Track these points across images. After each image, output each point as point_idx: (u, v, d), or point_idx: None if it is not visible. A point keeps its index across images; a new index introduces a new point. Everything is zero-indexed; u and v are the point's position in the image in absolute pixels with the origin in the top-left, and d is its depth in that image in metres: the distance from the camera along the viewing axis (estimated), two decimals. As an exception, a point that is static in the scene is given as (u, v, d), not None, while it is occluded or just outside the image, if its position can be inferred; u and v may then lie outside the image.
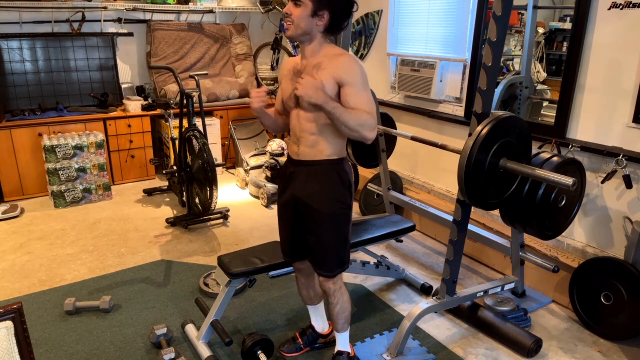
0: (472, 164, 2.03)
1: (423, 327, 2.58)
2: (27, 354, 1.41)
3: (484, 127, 2.05)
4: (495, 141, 2.08)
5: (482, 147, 2.05)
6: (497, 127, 2.07)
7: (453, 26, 3.59)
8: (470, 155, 2.02)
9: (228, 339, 2.20)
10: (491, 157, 2.09)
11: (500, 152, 2.11)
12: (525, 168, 2.08)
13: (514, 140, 2.15)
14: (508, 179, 2.22)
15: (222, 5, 5.24)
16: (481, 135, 2.04)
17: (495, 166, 2.12)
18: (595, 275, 2.57)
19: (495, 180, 2.16)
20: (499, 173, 2.15)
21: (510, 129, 2.13)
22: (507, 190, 2.25)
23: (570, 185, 1.92)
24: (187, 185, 3.84)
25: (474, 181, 2.09)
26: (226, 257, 2.37)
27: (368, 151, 3.49)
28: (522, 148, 2.21)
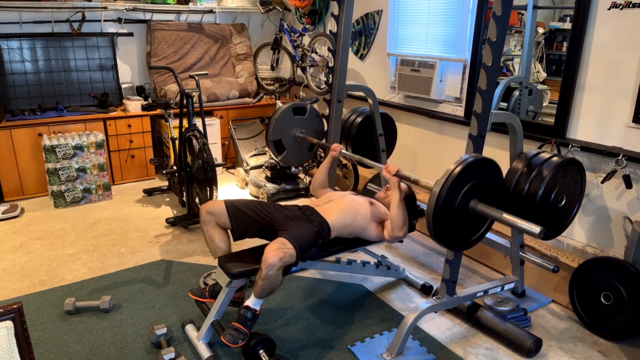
0: (441, 203, 1.99)
1: (423, 327, 2.58)
2: (27, 354, 1.42)
3: (456, 166, 2.02)
4: (467, 182, 2.05)
5: (453, 187, 2.01)
6: (470, 168, 2.04)
7: (453, 26, 3.59)
8: (440, 195, 1.98)
9: (228, 339, 2.20)
10: (461, 198, 2.05)
11: (471, 193, 2.08)
12: (493, 212, 2.04)
13: (487, 182, 2.13)
14: (478, 221, 2.18)
15: (222, 5, 5.25)
16: (453, 175, 2.00)
17: (465, 207, 2.08)
18: (595, 275, 2.56)
19: (464, 222, 2.13)
20: (468, 214, 2.11)
21: (483, 170, 2.11)
22: (477, 232, 2.22)
23: (537, 234, 1.90)
24: (187, 185, 3.84)
25: (443, 222, 2.05)
26: (226, 257, 2.37)
27: (368, 151, 3.49)
28: (495, 191, 2.18)
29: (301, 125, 3.17)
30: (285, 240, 2.16)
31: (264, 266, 2.08)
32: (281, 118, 3.09)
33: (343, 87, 3.16)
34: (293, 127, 3.16)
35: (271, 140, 3.09)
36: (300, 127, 3.17)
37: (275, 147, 3.13)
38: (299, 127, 3.16)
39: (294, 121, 3.15)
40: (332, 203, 2.53)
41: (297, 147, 3.21)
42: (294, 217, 2.39)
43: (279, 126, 3.10)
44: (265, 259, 2.08)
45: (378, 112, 3.34)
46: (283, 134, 3.13)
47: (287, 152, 3.16)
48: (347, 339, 2.48)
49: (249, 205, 2.46)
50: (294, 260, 2.16)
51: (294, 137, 3.17)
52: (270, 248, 2.11)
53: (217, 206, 2.42)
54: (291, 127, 3.15)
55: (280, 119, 3.09)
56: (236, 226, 2.41)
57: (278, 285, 2.18)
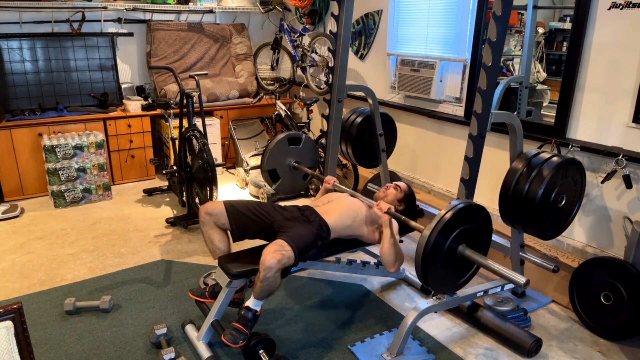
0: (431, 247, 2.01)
1: (423, 327, 2.58)
2: (27, 354, 1.42)
3: (447, 211, 2.05)
4: (457, 227, 2.07)
5: (443, 232, 2.03)
6: (460, 214, 2.06)
7: (453, 26, 3.59)
8: (430, 239, 2.00)
9: (228, 339, 2.20)
10: (450, 242, 2.07)
11: (460, 238, 2.10)
12: (480, 258, 2.07)
13: (476, 228, 2.14)
14: (465, 265, 2.19)
15: (222, 5, 5.25)
16: (443, 220, 2.02)
17: (453, 252, 2.10)
18: (595, 275, 2.56)
19: (452, 266, 2.14)
20: (456, 259, 2.12)
21: (473, 216, 2.13)
22: (464, 276, 2.23)
23: (523, 284, 1.93)
24: (187, 185, 3.84)
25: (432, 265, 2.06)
26: (226, 257, 2.37)
27: (368, 151, 3.50)
28: (482, 236, 2.20)
29: (296, 155, 3.21)
30: (283, 242, 2.15)
31: (261, 268, 2.08)
32: (276, 148, 3.13)
33: (343, 87, 3.16)
34: (288, 157, 3.20)
35: (266, 169, 3.13)
36: (295, 156, 3.21)
37: (270, 176, 3.18)
38: (294, 156, 3.21)
39: (288, 151, 3.19)
40: (331, 204, 2.53)
41: (292, 176, 3.25)
42: (293, 219, 2.39)
43: (274, 155, 3.14)
44: (263, 261, 2.07)
45: (378, 112, 3.34)
46: (278, 164, 3.17)
47: (281, 180, 3.20)
48: (347, 339, 2.48)
49: (248, 206, 2.45)
50: (293, 262, 2.16)
51: (288, 167, 3.21)
52: (268, 250, 2.11)
53: (216, 207, 2.42)
54: (286, 156, 3.19)
55: (275, 148, 3.13)
56: (235, 227, 2.41)
57: (277, 287, 2.17)
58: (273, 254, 2.08)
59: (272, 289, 2.15)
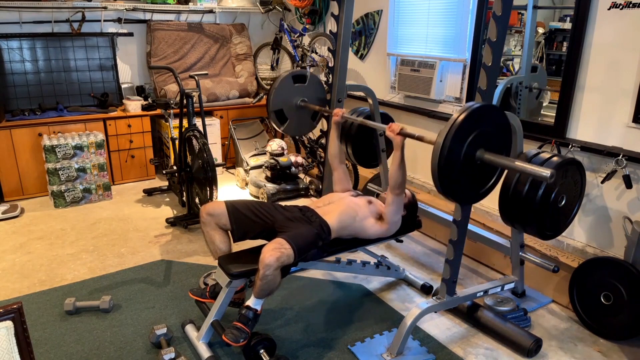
0: (445, 155, 1.89)
1: (423, 327, 2.58)
2: (27, 354, 1.42)
3: (459, 114, 1.91)
4: (472, 131, 1.93)
5: (456, 137, 1.90)
6: (473, 116, 1.93)
7: (453, 26, 3.59)
8: (444, 145, 1.87)
9: (228, 339, 2.20)
10: (467, 148, 1.94)
11: (477, 143, 1.97)
12: (502, 160, 1.94)
13: (493, 130, 2.02)
14: (486, 172, 2.09)
15: (222, 5, 5.25)
16: (456, 124, 1.89)
17: (471, 158, 1.98)
18: (595, 276, 2.56)
19: (471, 173, 2.03)
20: (475, 165, 2.01)
21: (488, 118, 2.00)
22: (486, 184, 2.12)
23: (548, 176, 1.78)
24: (187, 185, 3.84)
25: (448, 174, 1.95)
26: (226, 257, 2.37)
27: (368, 151, 3.49)
28: (502, 139, 2.08)
29: (302, 93, 3.07)
30: (283, 240, 2.15)
31: (261, 266, 2.08)
32: (281, 87, 2.99)
33: (343, 87, 3.16)
34: (294, 96, 3.05)
35: (272, 110, 2.98)
36: (302, 95, 3.07)
37: (277, 117, 3.05)
38: (300, 95, 3.07)
39: (294, 90, 3.05)
40: (332, 205, 2.53)
41: (299, 116, 3.12)
42: (294, 219, 2.39)
43: (280, 95, 3.00)
44: (262, 258, 2.07)
45: (378, 112, 3.34)
46: (284, 104, 3.03)
47: (289, 122, 3.08)
48: (347, 339, 2.48)
49: (249, 206, 2.45)
50: (292, 261, 2.16)
51: (295, 106, 3.07)
52: (268, 248, 2.11)
53: (217, 207, 2.41)
54: (292, 95, 3.05)
55: (280, 88, 2.98)
56: (236, 227, 2.40)
57: (277, 286, 2.17)
58: (272, 252, 2.08)
59: (271, 287, 2.14)
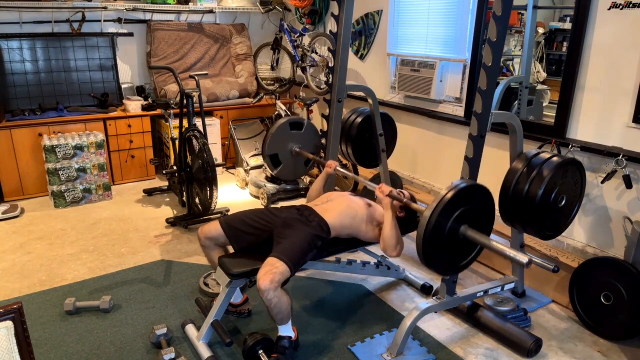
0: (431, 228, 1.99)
1: (423, 327, 2.58)
2: (27, 354, 1.42)
3: (448, 192, 2.02)
4: (458, 207, 2.04)
5: (444, 212, 2.00)
6: (461, 194, 2.03)
7: (453, 26, 3.59)
8: (431, 219, 1.98)
9: (229, 340, 2.20)
10: (452, 223, 2.05)
11: (462, 218, 2.07)
12: (482, 239, 2.04)
13: (478, 208, 2.11)
14: (467, 247, 2.16)
15: (222, 5, 5.25)
16: (444, 200, 1.99)
17: (455, 232, 2.08)
18: (595, 275, 2.56)
19: (454, 247, 2.12)
20: (458, 240, 2.10)
21: (475, 197, 2.10)
22: (466, 258, 2.21)
23: (525, 264, 1.90)
24: (187, 185, 3.84)
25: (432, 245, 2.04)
26: (227, 257, 2.38)
27: (368, 151, 3.50)
28: (485, 217, 2.17)
29: (298, 140, 3.21)
30: (273, 259, 2.13)
31: (260, 294, 2.07)
32: (278, 132, 3.12)
33: (343, 87, 3.16)
34: (289, 142, 3.19)
35: (267, 154, 3.12)
36: (297, 142, 3.20)
37: (272, 161, 3.17)
38: (296, 142, 3.20)
39: (290, 136, 3.18)
40: (330, 203, 2.53)
41: (293, 161, 3.24)
42: (291, 221, 2.36)
43: (276, 140, 3.13)
44: (258, 286, 2.06)
45: (378, 112, 3.34)
46: (279, 149, 3.16)
47: (282, 166, 3.20)
48: (347, 339, 2.48)
49: (245, 220, 2.42)
50: (289, 275, 2.13)
51: (290, 152, 3.20)
52: (260, 273, 2.09)
53: (214, 230, 2.41)
54: (288, 141, 3.18)
55: (276, 133, 3.11)
56: (236, 244, 2.41)
57: (288, 303, 2.15)
58: (265, 276, 2.06)
59: (283, 308, 2.12)
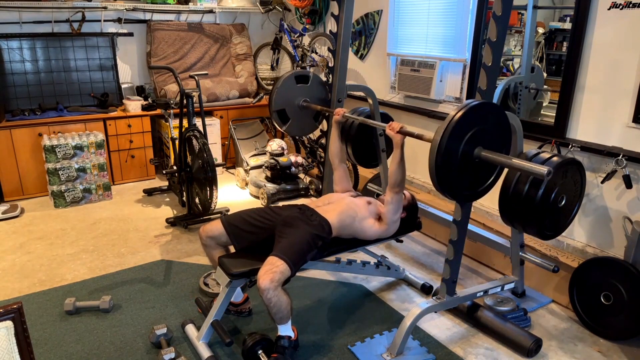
0: (443, 153, 1.87)
1: (423, 327, 2.58)
2: (27, 354, 1.42)
3: (457, 112, 1.90)
4: (470, 128, 1.92)
5: (454, 135, 1.88)
6: (471, 114, 1.91)
7: (453, 26, 3.59)
8: (441, 143, 1.86)
9: (229, 340, 2.20)
10: (464, 146, 1.93)
11: (475, 141, 1.96)
12: (500, 157, 1.92)
13: (491, 128, 2.00)
14: (484, 170, 2.08)
15: (222, 5, 5.25)
16: (453, 122, 1.87)
17: (469, 156, 1.96)
18: (595, 276, 2.57)
19: (470, 171, 2.02)
20: (473, 163, 2.00)
21: (487, 116, 1.99)
22: (484, 183, 2.12)
23: (545, 174, 1.78)
24: (187, 185, 3.84)
25: (446, 172, 1.95)
26: (227, 257, 2.37)
27: (368, 151, 3.49)
28: (500, 137, 2.07)
29: (304, 93, 3.09)
30: (274, 258, 2.13)
31: (260, 293, 2.07)
32: (284, 87, 3.00)
33: (343, 87, 3.16)
34: (296, 96, 3.07)
35: (274, 109, 3.00)
36: (304, 95, 3.09)
37: (279, 117, 3.06)
38: (303, 95, 3.08)
39: (297, 90, 3.07)
40: (331, 205, 2.53)
41: (302, 116, 3.13)
42: (293, 220, 2.36)
43: (282, 95, 3.01)
44: (258, 285, 2.06)
45: (378, 112, 3.34)
46: (286, 103, 3.05)
47: (291, 121, 3.09)
48: (347, 339, 2.48)
49: (245, 218, 2.43)
50: (289, 274, 2.13)
51: (297, 106, 3.08)
52: (260, 272, 2.09)
53: (215, 229, 2.41)
54: (294, 95, 3.06)
55: (282, 87, 3.00)
56: (238, 243, 2.41)
57: (287, 302, 2.15)
58: (264, 275, 2.06)
59: (282, 307, 2.12)
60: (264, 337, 2.24)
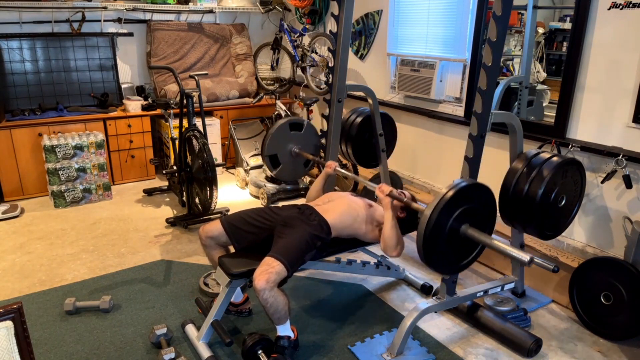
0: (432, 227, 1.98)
1: (423, 327, 2.58)
2: (27, 354, 1.42)
3: (448, 190, 2.00)
4: (459, 206, 2.03)
5: (444, 211, 1.99)
6: (462, 193, 2.02)
7: (453, 26, 3.59)
8: (431, 218, 1.97)
9: (229, 340, 2.20)
10: (452, 222, 2.04)
11: (462, 218, 2.06)
12: (484, 237, 2.03)
13: (479, 207, 2.10)
14: (468, 246, 2.16)
15: (222, 5, 5.25)
16: (445, 199, 1.98)
17: (456, 232, 2.07)
18: (595, 275, 2.57)
19: (454, 246, 2.11)
20: (459, 239, 2.09)
21: (476, 196, 2.09)
22: (467, 257, 2.20)
23: (527, 262, 1.89)
24: (187, 185, 3.84)
25: (433, 245, 2.03)
26: (227, 257, 2.38)
27: (368, 151, 3.50)
28: (486, 216, 2.16)
29: (297, 141, 3.20)
30: (270, 259, 2.13)
31: (256, 294, 2.07)
32: (277, 133, 3.11)
33: (343, 87, 3.16)
34: (289, 143, 3.18)
35: (267, 155, 3.11)
36: (297, 142, 3.19)
37: (271, 162, 3.16)
38: (295, 142, 3.19)
39: (290, 136, 3.17)
40: (331, 203, 2.53)
41: (293, 162, 3.23)
42: (292, 220, 2.36)
43: (275, 141, 3.12)
44: (254, 285, 2.06)
45: (378, 112, 3.34)
46: (279, 149, 3.15)
47: (282, 167, 3.19)
48: (347, 339, 2.48)
49: (245, 218, 2.43)
50: (286, 275, 2.13)
51: (289, 153, 3.19)
52: (256, 273, 2.09)
53: (215, 229, 2.41)
54: (287, 142, 3.17)
55: (276, 134, 3.10)
56: (238, 244, 2.41)
57: (285, 303, 2.15)
58: (260, 276, 2.06)
59: (279, 307, 2.12)
60: (264, 337, 2.24)
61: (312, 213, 2.42)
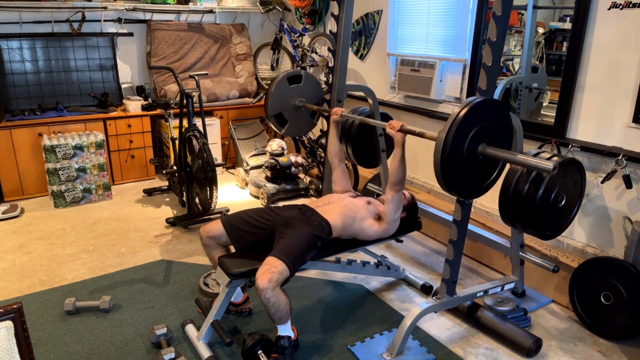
0: (448, 151, 1.88)
1: (423, 327, 2.58)
2: (27, 354, 1.42)
3: (461, 109, 1.89)
4: (473, 126, 1.92)
5: (458, 133, 1.89)
6: (474, 111, 1.91)
7: (453, 26, 3.59)
8: (446, 141, 1.86)
9: (229, 340, 2.20)
10: (469, 143, 1.94)
11: (478, 137, 1.97)
12: (505, 154, 1.94)
13: (494, 125, 2.01)
14: (488, 166, 2.09)
15: (222, 5, 5.25)
16: (458, 119, 1.87)
17: (473, 153, 1.97)
18: (595, 275, 2.57)
19: (474, 168, 2.03)
20: (477, 160, 2.01)
21: (490, 113, 1.99)
22: (488, 178, 2.13)
23: (551, 169, 1.79)
24: (187, 185, 3.84)
25: (451, 169, 1.95)
26: (227, 257, 2.37)
27: (368, 151, 3.49)
28: (503, 133, 2.08)
29: (299, 93, 3.07)
30: (272, 258, 2.14)
31: (258, 293, 2.07)
32: (277, 90, 2.99)
33: (343, 87, 3.16)
34: (291, 97, 3.05)
35: (271, 114, 2.99)
36: (299, 95, 3.07)
37: (277, 121, 3.05)
38: (297, 95, 3.06)
39: (291, 91, 3.05)
40: (331, 205, 2.53)
41: (299, 116, 3.11)
42: (292, 221, 2.36)
43: (277, 98, 3.00)
44: (257, 285, 2.06)
45: (378, 112, 3.34)
46: (282, 106, 3.03)
47: (289, 124, 3.07)
48: (347, 339, 2.48)
49: (245, 219, 2.43)
50: (288, 275, 2.13)
51: (293, 107, 3.07)
52: (259, 272, 2.09)
53: (215, 229, 2.41)
54: (289, 97, 3.04)
55: (276, 91, 2.98)
56: (238, 244, 2.41)
57: (286, 304, 2.15)
58: (263, 276, 2.06)
59: (280, 307, 2.12)
60: (264, 337, 2.24)
61: (312, 214, 2.43)
